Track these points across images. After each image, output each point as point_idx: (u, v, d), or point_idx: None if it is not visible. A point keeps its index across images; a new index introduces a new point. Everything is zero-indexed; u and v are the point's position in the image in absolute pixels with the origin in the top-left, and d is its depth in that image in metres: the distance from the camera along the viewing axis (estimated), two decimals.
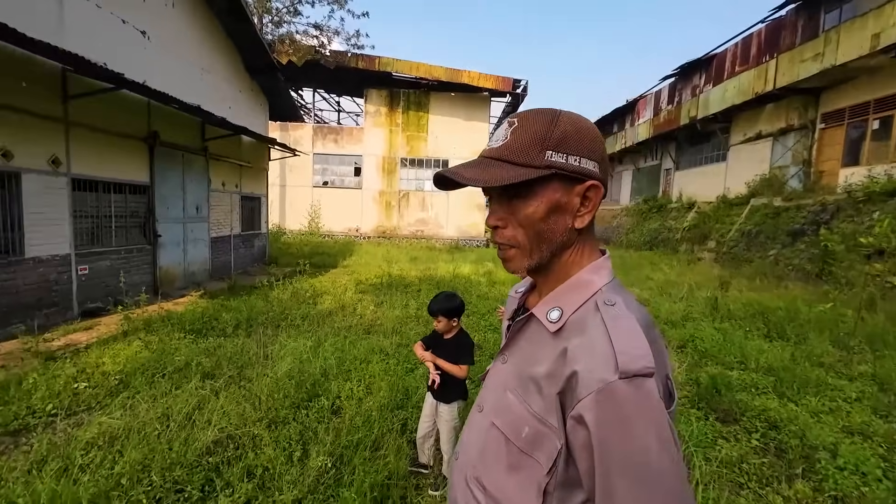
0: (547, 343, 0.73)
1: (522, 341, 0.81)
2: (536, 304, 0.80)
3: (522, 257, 0.78)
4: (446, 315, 2.64)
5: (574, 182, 0.74)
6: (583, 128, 0.75)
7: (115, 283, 6.79)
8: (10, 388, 3.62)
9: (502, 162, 0.74)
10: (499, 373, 0.84)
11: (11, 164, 5.27)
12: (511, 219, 0.77)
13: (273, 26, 17.69)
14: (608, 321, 0.67)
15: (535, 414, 0.69)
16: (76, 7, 6.09)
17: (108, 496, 2.28)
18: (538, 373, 0.71)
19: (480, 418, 0.83)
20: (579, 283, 0.76)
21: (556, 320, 0.73)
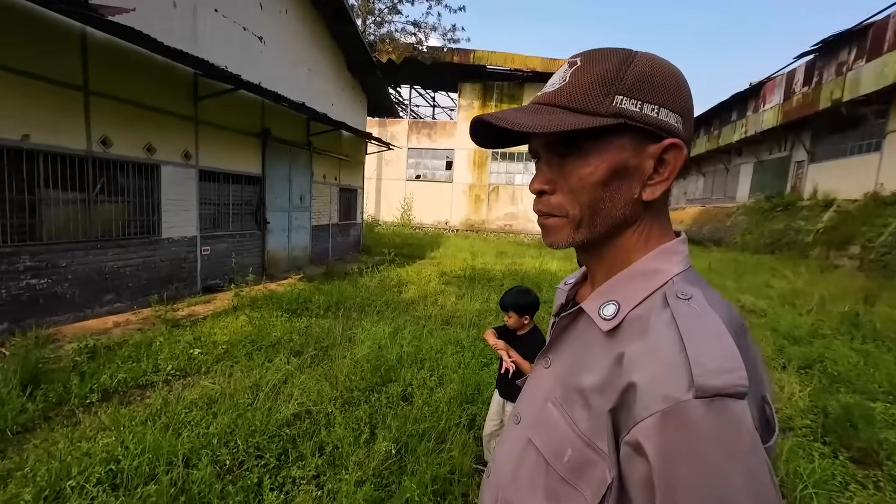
0: (599, 346, 0.59)
1: (569, 342, 0.66)
2: (587, 298, 0.64)
3: (567, 228, 0.62)
4: (517, 311, 2.50)
5: (648, 139, 0.58)
6: (666, 70, 0.58)
7: (230, 263, 7.65)
8: (142, 349, 4.23)
9: (555, 108, 0.59)
10: (540, 379, 0.69)
11: (154, 157, 6.16)
12: (561, 182, 0.61)
13: (375, 26, 18.57)
14: (680, 320, 0.51)
15: (581, 434, 0.56)
16: (207, 19, 6.90)
17: (199, 453, 2.53)
18: (586, 383, 0.57)
19: (517, 432, 0.69)
20: (642, 271, 0.60)
21: (611, 317, 0.58)
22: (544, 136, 0.61)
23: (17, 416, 2.87)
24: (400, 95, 25.93)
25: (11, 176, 4.52)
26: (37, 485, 2.19)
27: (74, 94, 5.09)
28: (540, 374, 0.70)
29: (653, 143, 0.58)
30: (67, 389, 3.30)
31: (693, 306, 0.53)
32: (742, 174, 24.10)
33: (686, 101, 0.59)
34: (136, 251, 6.00)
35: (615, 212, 0.60)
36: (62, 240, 5.06)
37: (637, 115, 0.56)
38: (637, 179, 0.59)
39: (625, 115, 0.56)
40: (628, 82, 0.56)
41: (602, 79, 0.57)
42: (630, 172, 0.58)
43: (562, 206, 0.62)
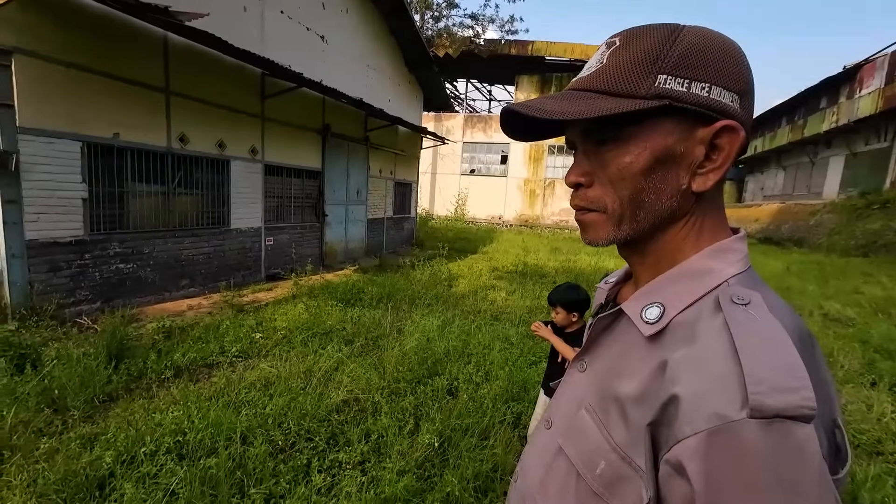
0: (639, 351, 0.54)
1: (606, 345, 0.62)
2: (629, 299, 0.59)
3: (607, 224, 0.57)
4: (565, 307, 2.43)
5: (698, 122, 0.51)
6: (719, 44, 0.51)
7: (291, 253, 8.06)
8: (211, 331, 4.57)
9: (590, 92, 0.54)
10: (575, 383, 0.65)
11: (224, 152, 6.60)
12: (599, 174, 0.56)
13: (432, 21, 18.67)
14: (735, 327, 0.45)
15: (617, 447, 0.51)
16: (273, 21, 7.26)
17: (255, 431, 2.69)
18: (624, 391, 0.52)
19: (547, 438, 0.65)
20: (692, 270, 0.54)
21: (655, 320, 0.53)
22: (579, 124, 0.57)
23: (103, 386, 3.20)
24: (456, 90, 25.94)
25: (104, 170, 5.02)
26: (116, 449, 2.43)
27: (157, 96, 5.56)
28: (574, 377, 0.66)
29: (703, 126, 0.51)
30: (146, 365, 3.63)
31: (751, 312, 0.47)
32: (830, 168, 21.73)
33: (744, 78, 0.52)
34: (208, 240, 6.48)
35: (660, 204, 0.54)
36: (146, 228, 5.57)
37: (684, 96, 0.50)
38: (685, 168, 0.53)
39: (669, 96, 0.50)
40: (673, 59, 0.50)
41: (643, 57, 0.51)
42: (677, 160, 0.52)
43: (600, 200, 0.57)
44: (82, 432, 2.64)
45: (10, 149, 4.16)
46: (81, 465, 2.29)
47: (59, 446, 2.48)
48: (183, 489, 2.17)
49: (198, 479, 2.22)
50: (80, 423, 2.76)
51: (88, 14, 4.69)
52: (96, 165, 4.94)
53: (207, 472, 2.28)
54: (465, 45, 17.91)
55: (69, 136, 4.66)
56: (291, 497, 2.24)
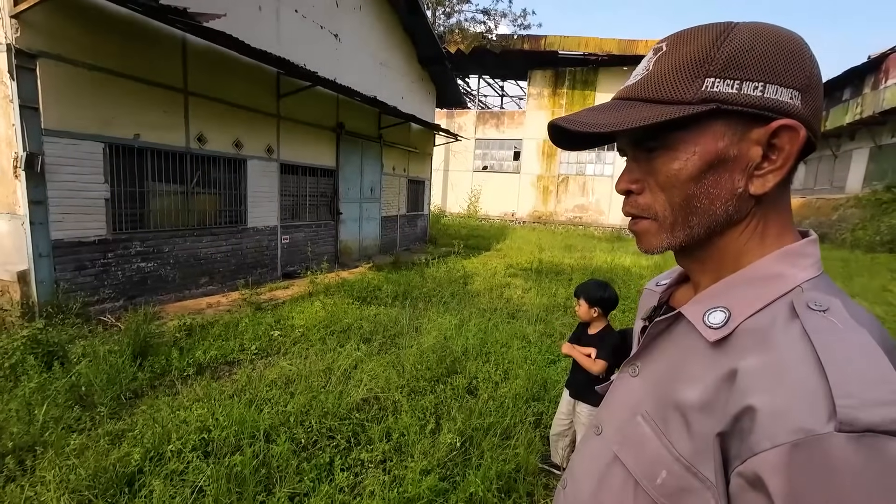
0: (701, 357, 0.52)
1: (663, 350, 0.59)
2: (689, 302, 0.57)
3: (660, 232, 0.57)
4: (588, 301, 2.43)
5: (751, 122, 0.50)
6: (774, 39, 0.49)
7: (307, 251, 8.11)
8: (231, 329, 4.62)
9: (636, 101, 0.53)
10: (627, 389, 0.63)
11: (241, 152, 6.66)
12: (649, 181, 0.56)
13: (444, 17, 18.59)
14: (815, 335, 0.43)
15: (680, 457, 0.50)
16: (288, 20, 7.29)
17: (278, 429, 2.71)
18: (687, 398, 0.50)
19: (599, 445, 0.63)
20: (761, 275, 0.52)
21: (719, 325, 0.51)
22: (628, 133, 0.56)
23: (129, 383, 3.26)
24: (468, 86, 25.82)
25: (125, 171, 5.11)
26: (144, 446, 2.47)
27: (176, 96, 5.62)
28: (626, 382, 0.64)
29: (759, 126, 0.49)
30: (169, 362, 3.69)
31: (832, 319, 0.45)
32: (854, 161, 21.17)
33: (805, 72, 0.49)
34: (226, 239, 6.55)
35: (714, 210, 0.53)
36: (166, 228, 5.65)
37: (733, 98, 0.49)
38: (740, 171, 0.51)
39: (716, 100, 0.49)
40: (721, 60, 0.49)
41: (689, 61, 0.50)
42: (730, 163, 0.51)
43: (650, 207, 0.57)
44: (110, 429, 2.69)
45: (36, 151, 4.25)
46: (111, 462, 2.33)
47: (89, 443, 2.53)
48: (210, 487, 2.19)
49: (224, 477, 2.24)
50: (107, 420, 2.81)
51: (110, 17, 4.75)
52: (118, 166, 5.02)
53: (233, 469, 2.31)
54: (477, 41, 17.80)
55: (92, 138, 4.74)
56: (316, 495, 2.25)
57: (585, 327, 2.55)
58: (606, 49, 17.24)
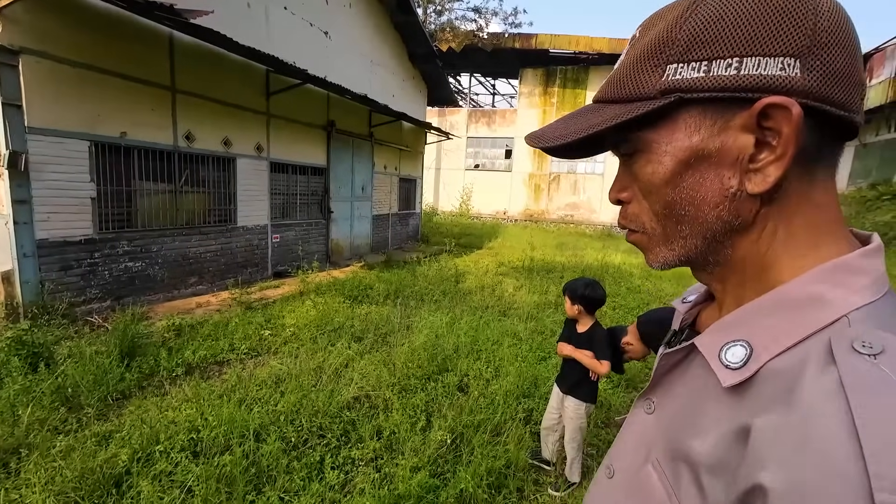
0: (717, 402, 0.42)
1: (676, 386, 0.50)
2: (705, 331, 0.47)
3: (655, 245, 0.50)
4: (571, 297, 2.48)
5: (734, 107, 0.41)
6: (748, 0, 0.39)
7: (297, 250, 8.07)
8: (220, 328, 4.58)
9: (605, 103, 0.48)
10: (642, 428, 0.54)
11: (230, 150, 6.60)
12: (634, 188, 0.50)
13: (435, 15, 18.56)
14: (854, 391, 0.32)
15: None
16: (277, 17, 7.23)
17: (268, 429, 2.70)
18: (697, 453, 0.41)
19: (608, 490, 0.56)
20: (793, 298, 0.41)
21: (739, 364, 0.41)
22: (607, 139, 0.50)
23: (117, 383, 3.22)
24: (459, 84, 25.81)
25: (112, 169, 5.04)
26: (131, 447, 2.44)
27: (164, 94, 5.56)
28: (640, 419, 0.55)
29: (742, 108, 0.40)
30: (157, 362, 3.65)
31: (883, 369, 0.32)
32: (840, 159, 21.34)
33: (804, 30, 0.38)
34: (216, 238, 6.50)
35: (704, 216, 0.44)
36: (153, 227, 5.58)
37: (699, 83, 0.41)
38: (728, 167, 0.42)
39: (678, 89, 0.42)
40: (683, 41, 0.41)
41: (650, 49, 0.44)
42: (713, 159, 0.42)
43: (637, 218, 0.50)
44: (97, 430, 2.66)
45: (20, 149, 4.18)
46: (98, 463, 2.30)
47: (75, 444, 2.50)
48: (199, 487, 2.18)
49: (213, 477, 2.23)
50: (94, 421, 2.78)
51: (94, 13, 4.68)
52: (104, 164, 4.95)
53: (222, 469, 2.30)
54: (468, 39, 17.80)
55: (77, 136, 4.67)
56: (306, 494, 2.25)
57: (574, 324, 2.57)
58: (597, 48, 17.33)
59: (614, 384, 3.73)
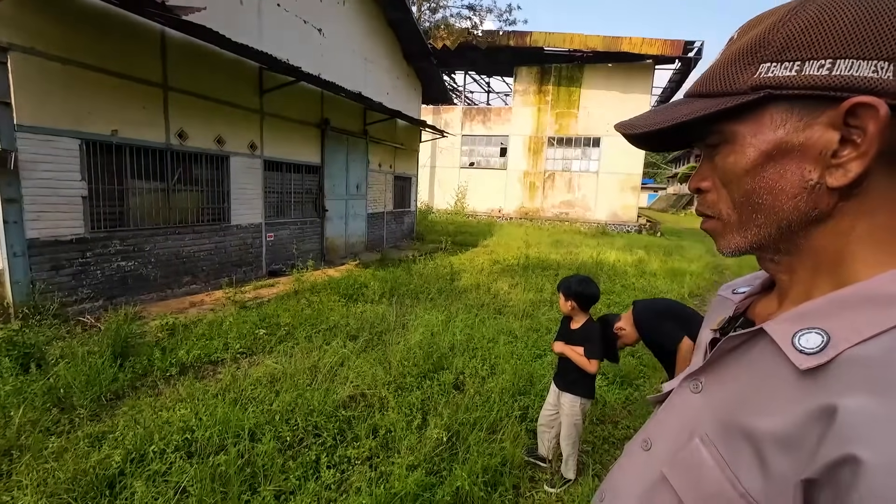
0: (787, 385, 0.44)
1: (736, 369, 0.52)
2: (773, 316, 0.51)
3: (728, 232, 0.53)
4: (564, 294, 2.51)
5: (822, 105, 0.44)
6: (851, 4, 0.43)
7: (292, 249, 8.04)
8: (214, 328, 4.56)
9: (693, 98, 0.52)
10: (686, 405, 0.56)
11: (224, 148, 6.56)
12: (714, 178, 0.54)
13: (430, 12, 18.50)
14: None
15: (746, 493, 0.44)
16: (270, 14, 7.18)
17: (263, 428, 2.68)
18: (763, 429, 0.44)
19: (646, 461, 0.58)
20: (878, 293, 0.43)
21: (815, 350, 0.43)
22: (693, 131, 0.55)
23: (110, 384, 3.19)
24: (454, 82, 25.74)
25: (103, 168, 4.99)
26: (125, 447, 2.43)
27: (155, 91, 5.50)
28: (685, 398, 0.57)
29: (829, 107, 0.44)
30: (151, 362, 3.63)
31: None
32: None
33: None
34: (209, 237, 6.45)
35: (781, 206, 0.48)
36: (146, 226, 5.54)
37: (790, 81, 0.44)
38: (811, 160, 0.45)
39: (768, 86, 0.45)
40: (779, 42, 0.45)
41: (747, 49, 0.47)
42: (796, 153, 0.46)
43: (715, 206, 0.54)
44: (90, 431, 2.64)
45: (9, 147, 4.12)
46: (91, 464, 2.29)
47: (68, 445, 2.48)
48: (193, 487, 2.17)
49: (208, 477, 2.22)
50: (87, 422, 2.76)
51: (84, 9, 4.63)
52: (95, 163, 4.90)
53: (217, 469, 2.29)
54: (462, 37, 17.75)
55: (68, 134, 4.62)
56: (302, 493, 2.24)
57: (569, 322, 2.58)
58: (591, 46, 17.33)
59: (609, 381, 3.75)
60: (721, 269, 10.08)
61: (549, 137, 20.04)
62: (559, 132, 19.86)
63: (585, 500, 2.33)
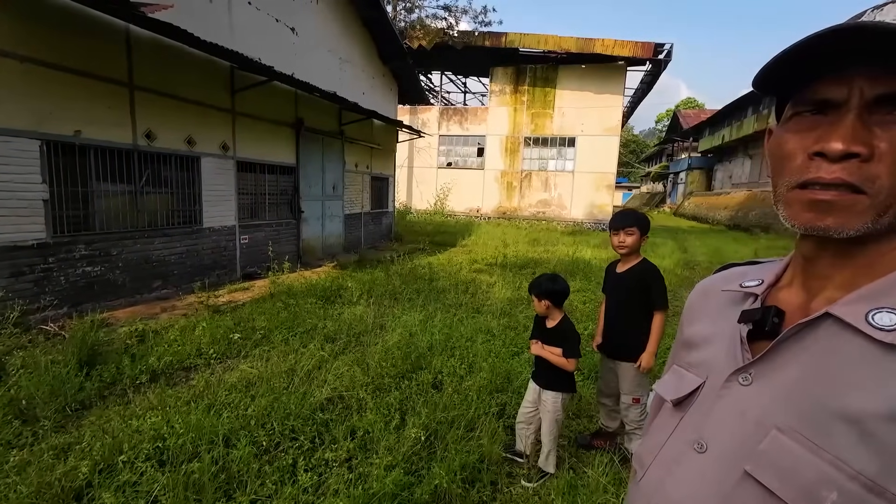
0: (872, 362, 0.46)
1: (795, 356, 0.52)
2: (840, 301, 0.51)
3: (867, 211, 0.48)
4: (538, 294, 2.55)
5: None
6: None
7: (267, 251, 7.90)
8: (187, 333, 4.45)
9: None
10: (739, 399, 0.55)
11: (194, 149, 6.40)
12: (887, 150, 0.47)
13: (405, 12, 18.45)
14: None
15: (857, 474, 0.43)
16: (241, 12, 7.04)
17: (238, 434, 2.64)
18: (860, 406, 0.44)
19: (709, 464, 0.55)
20: None
21: (893, 327, 0.45)
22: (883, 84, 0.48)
23: (75, 394, 3.08)
24: (431, 82, 25.73)
25: (66, 170, 4.80)
26: (92, 458, 2.35)
27: (121, 91, 5.33)
28: (736, 393, 0.55)
29: None
30: (120, 370, 3.52)
31: None
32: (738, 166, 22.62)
33: None
34: (181, 240, 6.29)
35: None
36: (113, 230, 5.36)
37: None
38: None
39: None
40: None
41: None
42: None
43: (874, 182, 0.47)
44: (55, 443, 2.55)
45: None
46: (56, 477, 2.20)
47: (31, 458, 2.38)
48: (166, 496, 2.12)
49: (181, 485, 2.17)
50: (51, 434, 2.66)
51: (42, 4, 4.45)
52: (57, 165, 4.71)
53: (190, 477, 2.24)
54: (438, 37, 17.75)
55: (27, 135, 4.43)
56: (278, 498, 2.22)
57: (544, 321, 2.62)
58: (565, 47, 17.59)
59: (584, 375, 3.83)
60: (692, 266, 10.39)
61: (525, 137, 20.25)
62: (535, 132, 20.09)
63: (561, 493, 2.38)
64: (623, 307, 2.71)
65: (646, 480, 0.63)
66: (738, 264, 0.73)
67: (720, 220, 24.03)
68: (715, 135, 30.46)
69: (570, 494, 2.37)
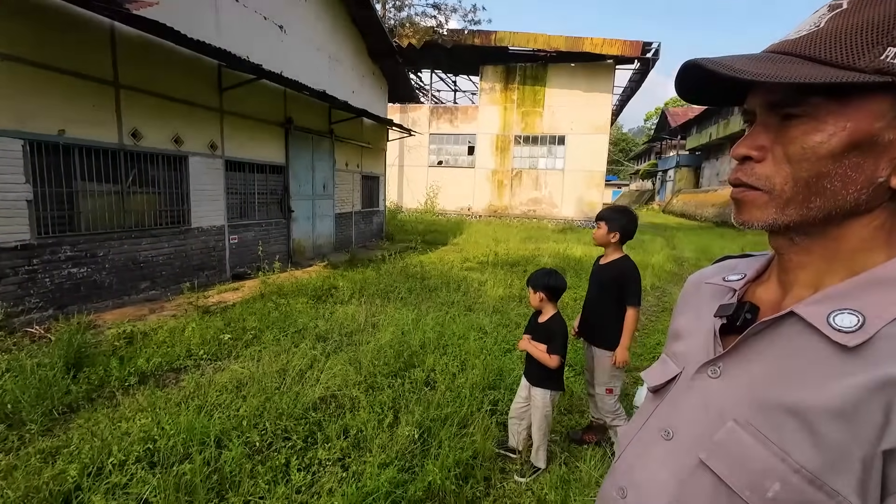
0: (828, 361, 0.47)
1: (761, 352, 0.53)
2: (805, 301, 0.52)
3: (768, 206, 0.52)
4: (534, 287, 2.58)
5: None
6: None
7: (257, 251, 7.84)
8: (176, 334, 4.40)
9: (795, 57, 0.48)
10: (706, 390, 0.57)
11: (182, 148, 6.32)
12: (776, 149, 0.51)
13: (395, 10, 18.38)
14: None
15: (800, 468, 0.45)
16: (228, 9, 6.96)
17: (230, 434, 2.62)
18: (809, 403, 0.46)
19: (672, 450, 0.57)
20: None
21: (853, 329, 0.46)
22: (767, 92, 0.51)
23: (62, 396, 3.04)
24: (421, 80, 25.68)
25: (50, 170, 4.72)
26: (81, 461, 2.32)
27: (106, 89, 5.25)
28: (703, 384, 0.57)
29: None
30: (108, 372, 3.47)
31: None
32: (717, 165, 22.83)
33: None
34: (168, 241, 6.21)
35: (843, 195, 0.48)
36: (99, 230, 5.27)
37: None
38: (888, 160, 0.46)
39: (892, 72, 0.43)
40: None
41: (872, 25, 0.44)
42: (878, 148, 0.46)
43: (768, 179, 0.51)
44: (42, 446, 2.51)
45: None
46: (44, 481, 2.17)
47: (18, 462, 2.35)
48: (157, 498, 2.10)
49: (172, 487, 2.15)
50: (38, 438, 2.62)
51: (25, 2, 4.36)
52: (41, 165, 4.63)
53: (182, 478, 2.22)
54: (428, 35, 17.71)
55: (9, 134, 4.34)
56: (271, 498, 2.21)
57: (538, 316, 2.65)
58: (554, 45, 17.67)
59: (576, 372, 3.86)
60: (680, 262, 10.52)
61: (515, 136, 20.31)
62: (525, 130, 20.16)
63: (553, 487, 2.40)
64: (598, 298, 2.79)
65: (619, 461, 0.67)
66: (733, 257, 0.75)
67: (708, 216, 24.33)
68: (702, 133, 30.81)
69: (562, 489, 2.40)
